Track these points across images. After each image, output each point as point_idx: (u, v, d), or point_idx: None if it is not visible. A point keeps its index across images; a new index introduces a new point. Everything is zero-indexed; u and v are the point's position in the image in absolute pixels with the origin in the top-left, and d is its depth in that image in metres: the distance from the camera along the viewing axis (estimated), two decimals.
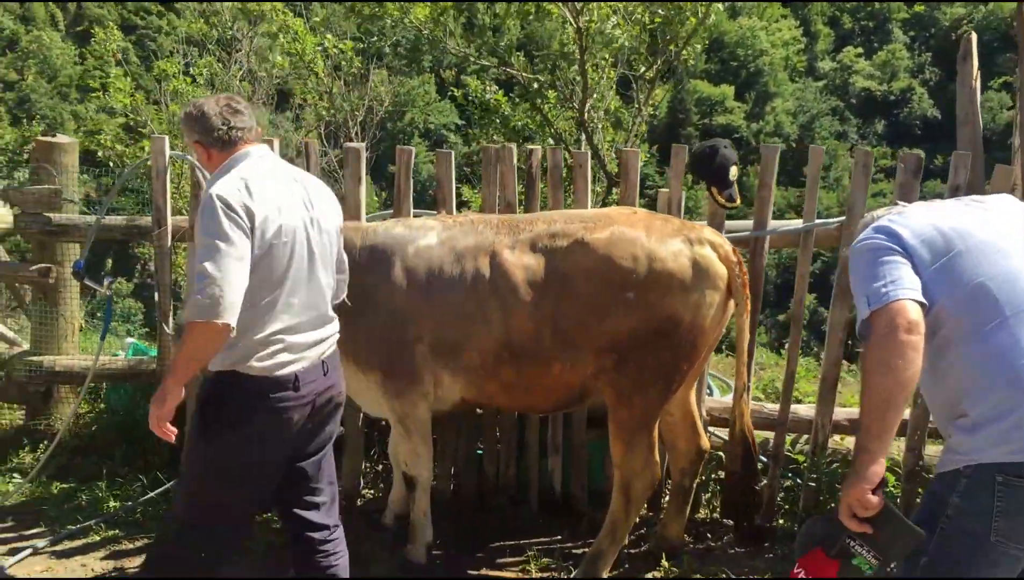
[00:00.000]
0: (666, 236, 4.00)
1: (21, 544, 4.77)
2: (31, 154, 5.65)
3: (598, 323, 3.94)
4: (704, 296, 3.97)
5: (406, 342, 4.12)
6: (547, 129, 9.50)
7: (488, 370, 4.10)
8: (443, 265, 4.10)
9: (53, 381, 5.69)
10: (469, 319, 4.05)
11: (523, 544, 4.81)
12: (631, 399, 4.03)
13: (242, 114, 3.34)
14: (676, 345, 3.97)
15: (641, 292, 3.91)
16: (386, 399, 4.25)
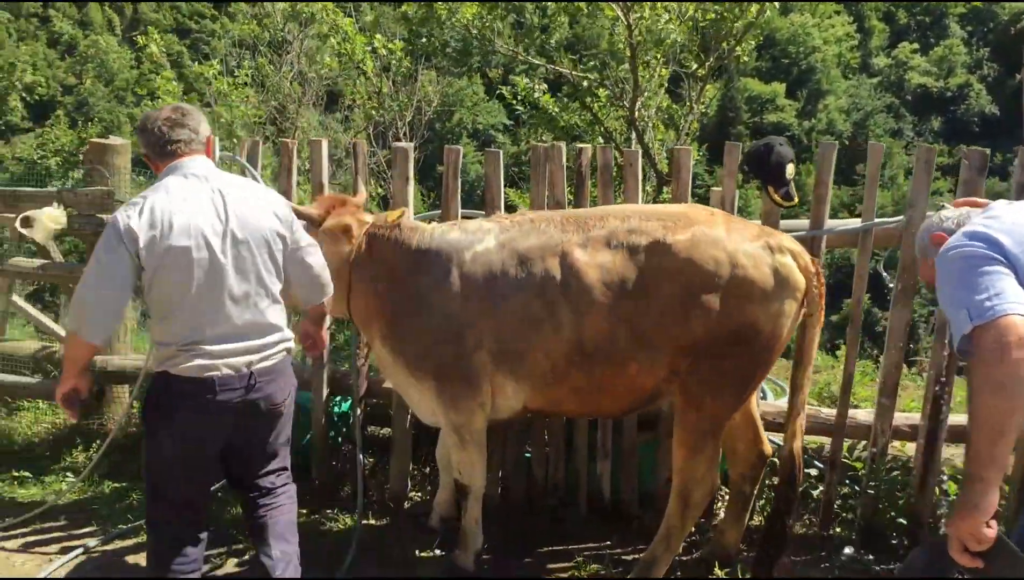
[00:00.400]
0: (747, 241, 3.88)
1: (72, 543, 4.82)
2: (85, 156, 5.70)
3: (677, 325, 3.83)
4: (783, 305, 3.85)
5: (463, 350, 4.02)
6: (597, 128, 9.37)
7: (557, 375, 3.99)
8: (504, 268, 3.99)
9: (105, 381, 5.73)
10: (537, 323, 3.94)
11: (572, 549, 4.73)
12: (702, 403, 3.92)
13: (183, 126, 3.49)
14: (753, 352, 3.87)
15: (723, 298, 3.79)
16: (441, 408, 4.17)
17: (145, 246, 3.24)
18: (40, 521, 5.05)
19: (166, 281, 3.30)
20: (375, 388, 5.31)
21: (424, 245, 4.15)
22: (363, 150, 5.14)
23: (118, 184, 5.60)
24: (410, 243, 4.17)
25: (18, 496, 5.36)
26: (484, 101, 47.00)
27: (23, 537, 4.92)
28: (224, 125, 10.31)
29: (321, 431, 5.30)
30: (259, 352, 3.49)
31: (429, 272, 4.07)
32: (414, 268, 4.09)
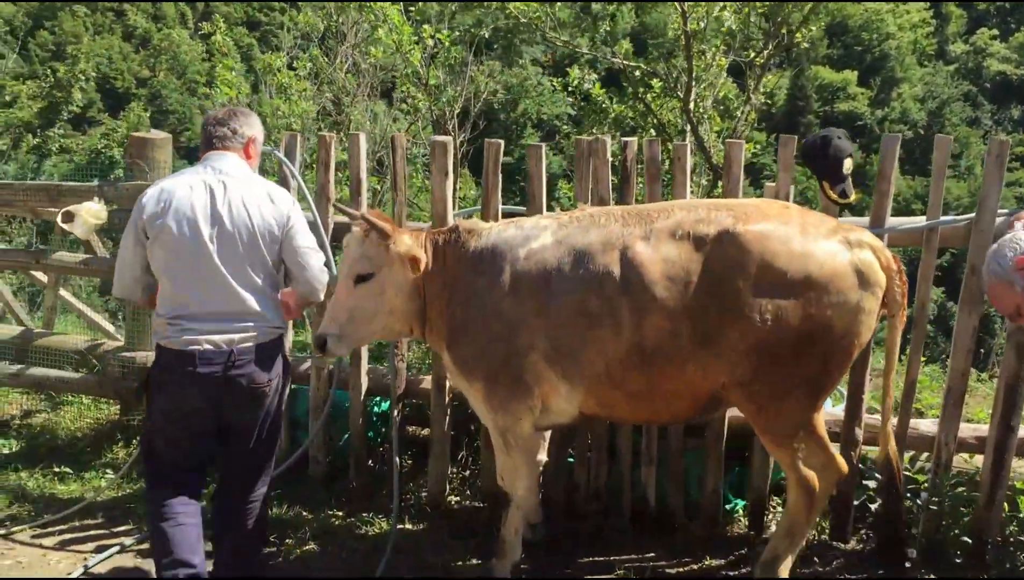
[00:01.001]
0: (823, 236, 3.64)
1: (109, 542, 4.77)
2: (126, 150, 5.66)
3: (743, 323, 3.60)
4: (861, 304, 3.60)
5: (515, 351, 3.88)
6: (650, 120, 9.06)
7: (613, 377, 3.80)
8: (560, 266, 3.83)
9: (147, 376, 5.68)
10: (593, 322, 3.76)
11: (613, 561, 4.53)
12: (779, 409, 3.73)
13: (224, 125, 3.92)
14: (828, 354, 3.64)
15: (794, 296, 3.57)
16: (488, 410, 4.05)
17: (147, 220, 3.71)
18: (78, 518, 5.02)
19: (157, 255, 3.72)
20: (413, 388, 5.17)
21: (480, 245, 4.03)
22: (402, 144, 4.98)
23: (158, 178, 5.52)
24: (468, 245, 4.06)
25: (58, 492, 5.34)
26: (549, 92, 46.76)
27: (60, 535, 4.88)
28: (283, 118, 10.28)
29: (358, 431, 5.18)
30: (240, 333, 3.75)
31: (484, 272, 3.96)
32: (471, 269, 4.00)
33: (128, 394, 5.71)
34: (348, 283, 4.01)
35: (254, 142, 3.99)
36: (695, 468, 4.76)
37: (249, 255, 3.75)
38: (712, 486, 4.67)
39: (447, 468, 5.09)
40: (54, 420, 6.17)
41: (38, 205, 5.91)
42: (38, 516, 5.04)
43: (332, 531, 4.81)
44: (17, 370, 6.15)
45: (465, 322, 3.98)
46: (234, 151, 3.89)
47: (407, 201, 5.38)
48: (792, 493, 3.89)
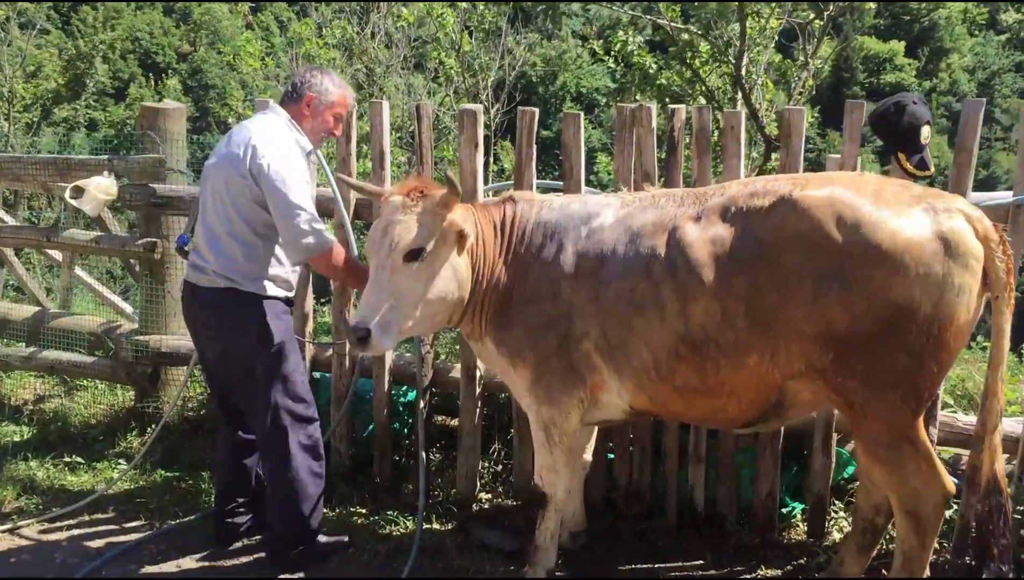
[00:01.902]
0: (903, 203, 3.16)
1: (118, 539, 4.49)
2: (137, 121, 5.33)
3: (807, 304, 3.15)
4: (950, 279, 3.08)
5: (569, 338, 3.52)
6: (698, 87, 8.49)
7: (661, 371, 3.41)
8: (616, 247, 3.46)
9: (159, 362, 5.38)
10: (640, 310, 3.38)
11: (657, 568, 4.15)
12: (867, 408, 3.23)
13: (291, 81, 4.15)
14: (916, 341, 3.11)
15: (863, 270, 3.09)
16: (533, 401, 3.68)
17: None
18: (88, 512, 4.74)
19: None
20: (442, 377, 4.81)
21: (543, 219, 3.67)
22: (428, 113, 4.58)
23: (170, 151, 5.21)
24: (528, 218, 3.69)
25: (68, 483, 5.06)
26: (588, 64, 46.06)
27: (68, 530, 4.61)
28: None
29: (383, 422, 4.83)
30: (206, 274, 3.94)
31: (544, 248, 3.60)
32: (531, 244, 3.65)
33: (141, 380, 5.41)
34: (394, 260, 3.48)
35: (313, 100, 4.02)
36: (748, 468, 4.35)
37: (223, 201, 3.88)
38: (767, 488, 4.26)
39: (478, 463, 4.72)
40: (67, 406, 5.89)
41: (48, 180, 5.60)
42: (46, 509, 4.77)
43: (354, 530, 4.47)
44: (30, 353, 5.89)
45: (520, 301, 3.62)
46: (287, 106, 4.05)
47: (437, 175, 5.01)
48: (899, 523, 3.42)
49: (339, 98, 4.09)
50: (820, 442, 4.18)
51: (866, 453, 3.37)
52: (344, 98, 4.12)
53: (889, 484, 3.37)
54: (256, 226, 3.90)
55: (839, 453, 4.34)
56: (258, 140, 3.84)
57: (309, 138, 4.05)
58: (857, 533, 3.79)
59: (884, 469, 3.33)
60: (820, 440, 4.18)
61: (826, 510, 4.27)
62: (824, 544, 4.23)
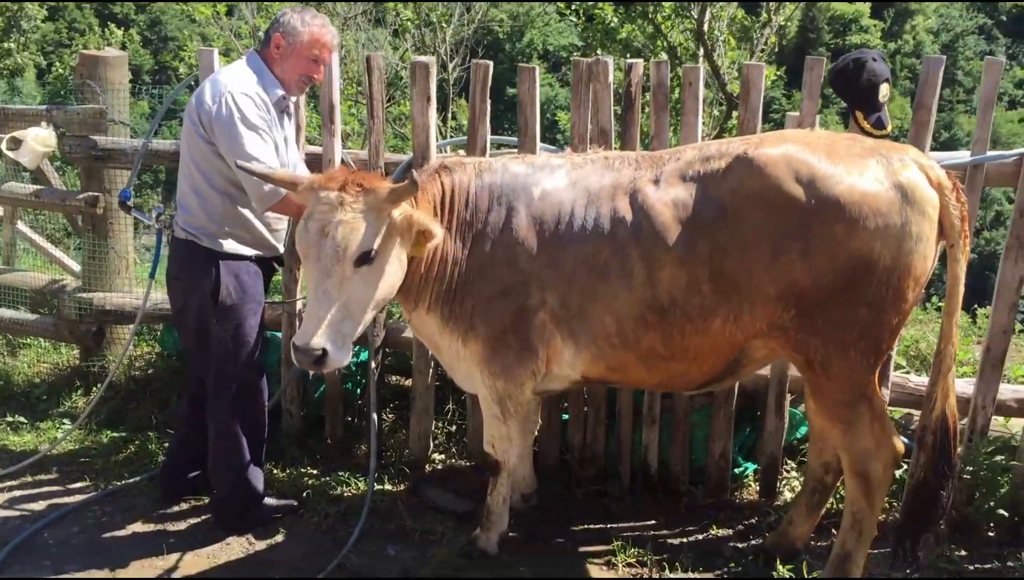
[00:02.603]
0: (856, 156, 3.14)
1: (64, 500, 4.38)
2: (76, 70, 5.11)
3: (769, 263, 3.12)
4: (908, 228, 3.07)
5: (525, 309, 3.38)
6: (660, 42, 8.35)
7: (626, 338, 3.34)
8: (574, 211, 3.34)
9: (104, 320, 5.23)
10: (603, 277, 3.29)
11: (610, 529, 4.13)
12: (828, 365, 3.20)
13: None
14: (876, 294, 3.10)
15: (823, 225, 3.06)
16: (486, 374, 3.54)
17: None
18: (31, 473, 4.62)
19: None
20: (395, 337, 4.72)
21: (485, 181, 3.47)
22: (379, 64, 4.44)
23: (112, 101, 5.01)
24: (466, 183, 3.48)
25: (10, 444, 4.93)
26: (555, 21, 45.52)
27: (9, 491, 4.48)
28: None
29: (334, 383, 4.73)
30: (176, 225, 3.92)
31: (491, 212, 3.42)
32: (475, 209, 3.45)
33: (86, 338, 5.26)
34: (343, 269, 3.17)
35: (281, 42, 3.81)
36: (702, 429, 4.32)
37: (186, 144, 3.83)
38: (720, 449, 4.25)
39: (431, 424, 4.66)
40: (10, 365, 5.72)
41: None
42: None
43: (304, 491, 4.39)
44: None
45: (472, 271, 3.43)
46: (261, 51, 3.88)
47: (388, 131, 4.86)
48: (849, 484, 3.42)
49: (310, 37, 3.80)
50: (773, 402, 4.17)
51: (824, 412, 3.36)
52: (316, 37, 3.81)
53: (843, 444, 3.36)
54: (213, 178, 3.76)
55: (792, 414, 4.33)
56: (210, 88, 3.69)
57: (283, 84, 3.85)
58: (806, 493, 3.80)
59: (840, 428, 3.33)
60: (773, 400, 4.17)
61: (778, 470, 4.28)
62: (776, 504, 4.24)
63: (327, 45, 3.87)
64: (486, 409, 3.68)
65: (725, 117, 7.79)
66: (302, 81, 3.90)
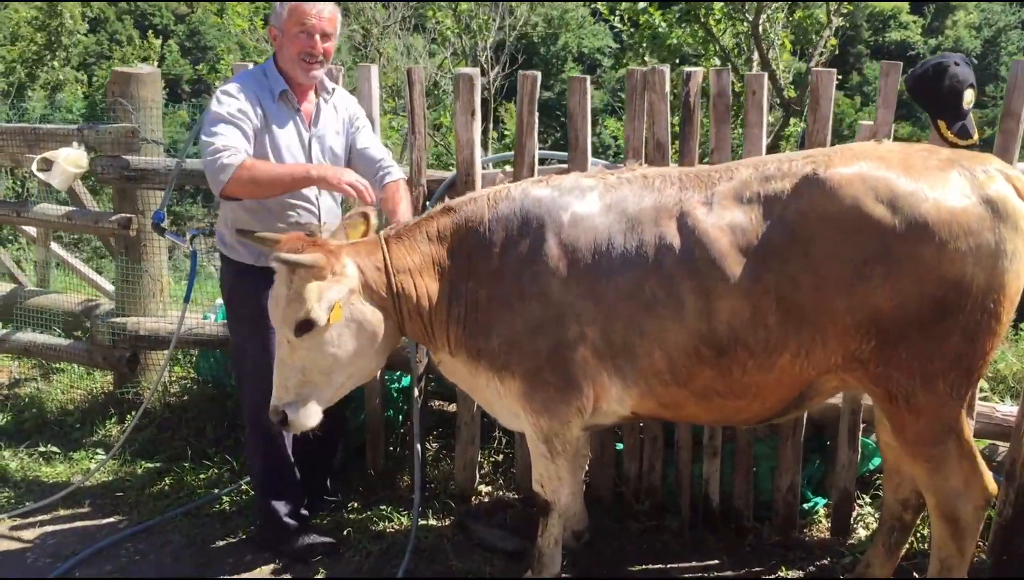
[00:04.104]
0: (935, 169, 2.87)
1: (97, 535, 4.21)
2: (108, 87, 4.95)
3: (846, 292, 2.85)
4: (1003, 246, 2.79)
5: (563, 343, 3.11)
6: (711, 47, 7.97)
7: (678, 375, 3.07)
8: (612, 237, 3.06)
9: (138, 346, 5.05)
10: (649, 309, 3.01)
11: (669, 569, 3.86)
12: (912, 399, 2.91)
13: None
14: (969, 319, 2.82)
15: (909, 247, 2.79)
16: (529, 414, 3.29)
17: None
18: (63, 506, 4.46)
19: None
20: None
21: (504, 211, 3.21)
22: (420, 78, 4.22)
23: (144, 120, 4.84)
24: (479, 216, 3.24)
25: (43, 475, 4.77)
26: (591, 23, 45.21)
27: (41, 526, 4.32)
28: None
29: (374, 410, 4.51)
30: None
31: (515, 243, 3.16)
32: (490, 243, 3.20)
33: (120, 364, 5.09)
34: (288, 337, 3.19)
35: (273, 30, 3.72)
36: (767, 461, 4.04)
37: None
38: (788, 482, 3.96)
39: (477, 454, 4.42)
40: (44, 391, 5.58)
41: (16, 151, 5.24)
42: (19, 503, 4.48)
43: (345, 526, 4.18)
44: (3, 334, 5.57)
45: (492, 306, 3.19)
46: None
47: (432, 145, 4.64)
48: (935, 527, 3.13)
49: (289, 11, 3.60)
50: (846, 434, 3.87)
51: (907, 450, 3.06)
52: (295, 7, 3.59)
53: (928, 484, 3.07)
54: None
55: (864, 443, 4.03)
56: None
57: (288, 75, 3.68)
58: (884, 532, 3.50)
59: (926, 467, 3.04)
60: (846, 432, 3.87)
61: (852, 506, 3.98)
62: (850, 543, 3.94)
63: (308, 12, 3.60)
64: (533, 448, 3.43)
65: (782, 124, 7.45)
66: (303, 61, 3.64)
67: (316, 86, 3.78)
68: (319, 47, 3.64)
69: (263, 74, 3.72)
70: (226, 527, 4.25)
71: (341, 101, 3.92)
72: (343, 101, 3.93)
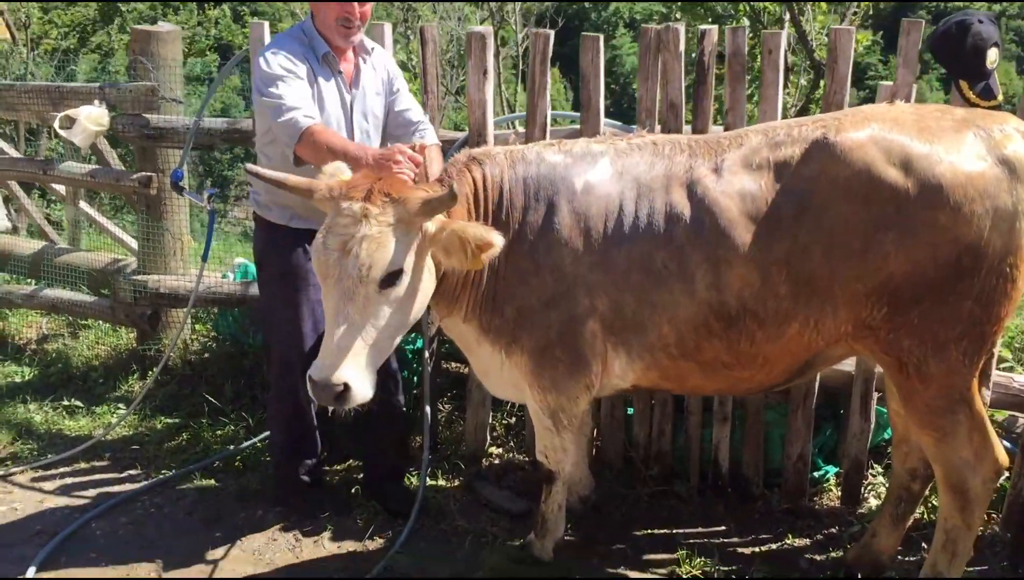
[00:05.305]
0: (950, 130, 2.80)
1: (115, 488, 4.29)
2: (130, 46, 4.97)
3: (859, 259, 2.79)
4: (1020, 207, 2.74)
5: (573, 317, 3.05)
6: (742, 6, 7.76)
7: (686, 348, 3.02)
8: (623, 205, 2.99)
9: (159, 304, 5.11)
10: (660, 281, 2.95)
11: (676, 535, 3.84)
12: (923, 367, 2.85)
13: None
14: (985, 284, 2.76)
15: (924, 212, 2.73)
16: (536, 390, 3.23)
17: None
18: (84, 459, 4.55)
19: None
20: None
21: (519, 174, 3.10)
22: (433, 36, 4.18)
23: (164, 78, 4.86)
24: (499, 176, 3.12)
25: (65, 428, 4.87)
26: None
27: (61, 478, 4.42)
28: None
29: None
30: None
31: (530, 210, 3.07)
32: (511, 207, 3.10)
33: (141, 321, 5.16)
34: (367, 291, 2.81)
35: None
36: (778, 428, 3.99)
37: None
38: (798, 450, 3.91)
39: (488, 417, 4.42)
40: (70, 346, 5.68)
41: (42, 109, 5.31)
42: (41, 455, 4.59)
43: (354, 486, 4.22)
44: (32, 290, 5.69)
45: (511, 277, 3.10)
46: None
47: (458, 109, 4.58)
48: (943, 498, 3.07)
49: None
50: (859, 402, 3.80)
51: (916, 419, 3.00)
52: None
53: (936, 455, 3.01)
54: (259, 141, 3.76)
55: (879, 412, 3.95)
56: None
57: (326, 37, 3.63)
58: (891, 501, 3.45)
59: (934, 437, 2.98)
60: (859, 400, 3.80)
61: (863, 475, 3.92)
62: (860, 512, 3.89)
63: None
64: (537, 422, 3.40)
65: (812, 87, 7.26)
66: (341, 26, 3.58)
67: (355, 47, 3.73)
68: (356, 11, 3.59)
69: (303, 33, 3.67)
70: (239, 483, 4.30)
71: (380, 60, 3.86)
72: (382, 60, 3.87)
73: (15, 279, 6.21)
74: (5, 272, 6.22)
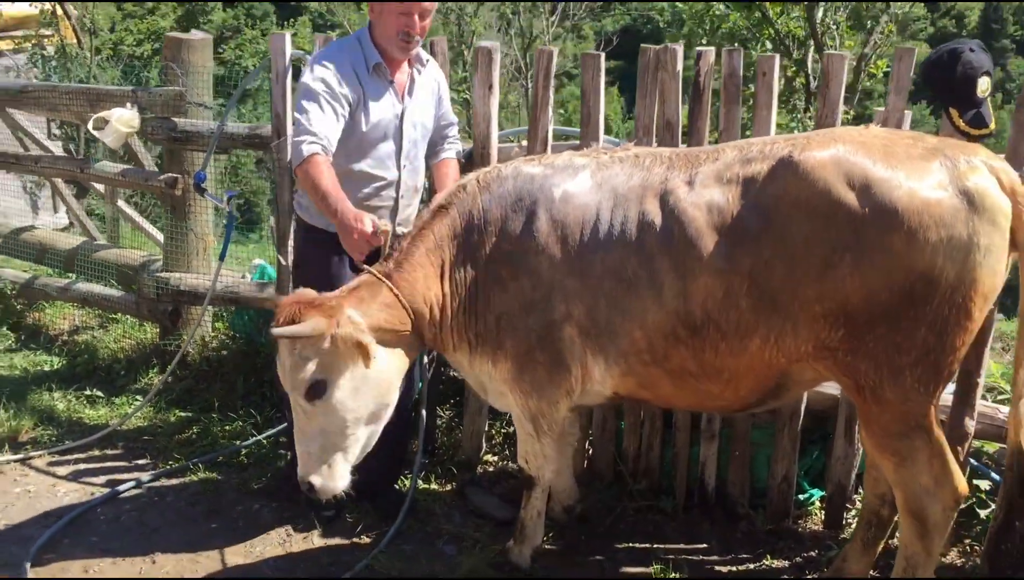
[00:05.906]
0: (917, 158, 2.81)
1: (124, 476, 4.46)
2: (163, 52, 5.19)
3: (816, 279, 2.82)
4: (976, 240, 2.73)
5: (551, 323, 3.14)
6: (767, 31, 7.75)
7: (656, 355, 3.08)
8: (599, 214, 3.08)
9: (179, 301, 5.30)
10: (631, 287, 3.03)
11: (657, 549, 3.86)
12: (879, 392, 2.87)
13: None
14: (937, 313, 2.76)
15: (879, 235, 2.75)
16: (517, 395, 3.34)
17: None
18: (99, 447, 4.74)
19: None
20: None
21: (496, 193, 3.23)
22: (443, 49, 4.29)
23: (193, 84, 5.05)
24: (473, 205, 3.25)
25: (85, 417, 5.07)
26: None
27: (75, 464, 4.61)
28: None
29: None
30: None
31: (508, 221, 3.18)
32: (484, 224, 3.23)
33: (162, 317, 5.35)
34: (301, 404, 3.16)
35: (373, 5, 3.73)
36: (765, 448, 3.99)
37: None
38: (784, 471, 3.91)
39: (484, 424, 4.49)
40: (98, 339, 5.91)
41: (80, 109, 5.56)
42: (59, 442, 4.78)
43: None
44: (66, 283, 5.93)
45: (487, 286, 3.22)
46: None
47: None
48: (903, 524, 3.08)
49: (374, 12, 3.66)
50: (843, 426, 3.80)
51: (873, 443, 3.02)
52: None
53: (896, 479, 3.01)
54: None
55: None
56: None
57: (383, 49, 3.69)
58: (862, 526, 3.45)
59: (892, 461, 2.98)
60: (844, 424, 3.80)
61: (846, 500, 3.90)
62: (841, 537, 3.87)
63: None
64: (519, 427, 3.48)
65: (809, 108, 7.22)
66: (401, 40, 3.65)
67: (410, 58, 3.80)
68: (417, 26, 3.66)
69: (358, 42, 3.73)
70: (241, 477, 4.43)
71: (431, 71, 3.95)
72: (432, 71, 3.97)
73: (57, 273, 6.48)
74: (44, 265, 6.49)
